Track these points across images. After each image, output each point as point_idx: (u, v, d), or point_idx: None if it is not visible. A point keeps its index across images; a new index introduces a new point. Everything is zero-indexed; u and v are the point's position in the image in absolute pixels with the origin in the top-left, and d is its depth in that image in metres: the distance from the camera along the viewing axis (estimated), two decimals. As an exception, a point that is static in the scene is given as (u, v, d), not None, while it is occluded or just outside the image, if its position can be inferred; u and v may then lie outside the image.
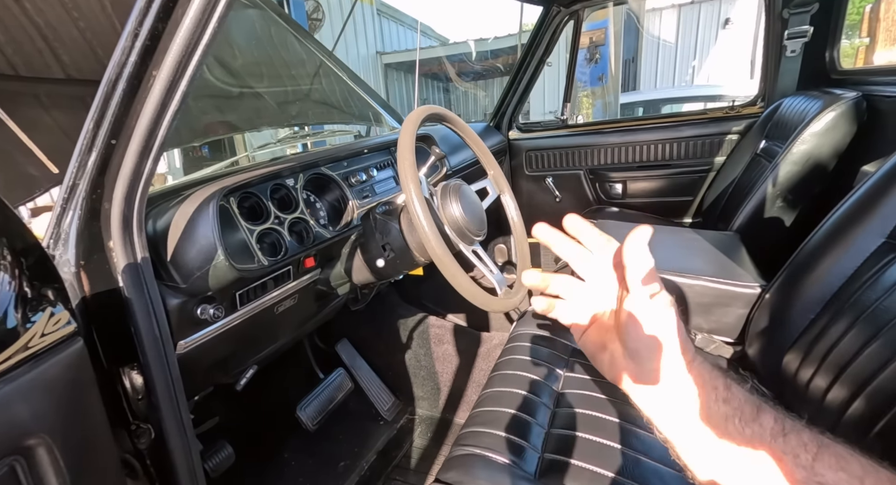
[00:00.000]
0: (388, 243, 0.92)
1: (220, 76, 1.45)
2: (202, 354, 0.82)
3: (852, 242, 0.83)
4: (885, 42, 1.68)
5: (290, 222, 0.93)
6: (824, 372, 0.78)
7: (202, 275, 0.72)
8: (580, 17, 2.04)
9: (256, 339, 0.99)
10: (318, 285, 1.08)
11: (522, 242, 1.04)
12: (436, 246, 0.71)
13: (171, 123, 0.60)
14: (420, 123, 0.81)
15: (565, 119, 2.30)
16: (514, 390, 0.94)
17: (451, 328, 1.71)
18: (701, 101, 4.13)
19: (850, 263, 0.81)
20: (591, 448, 0.80)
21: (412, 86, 10.85)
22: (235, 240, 0.81)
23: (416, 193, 0.71)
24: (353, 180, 1.12)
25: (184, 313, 0.75)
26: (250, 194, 0.87)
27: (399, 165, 0.73)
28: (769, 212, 1.38)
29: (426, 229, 0.70)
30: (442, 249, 0.71)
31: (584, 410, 0.88)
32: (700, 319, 1.09)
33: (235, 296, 0.84)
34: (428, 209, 0.71)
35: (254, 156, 1.45)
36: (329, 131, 1.63)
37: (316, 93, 1.92)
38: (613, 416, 0.87)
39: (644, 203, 2.21)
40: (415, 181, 0.72)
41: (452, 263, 0.73)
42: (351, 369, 1.55)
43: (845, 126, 1.27)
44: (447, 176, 1.43)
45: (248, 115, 1.61)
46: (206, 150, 2.14)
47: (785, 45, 1.72)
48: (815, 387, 0.79)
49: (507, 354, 1.07)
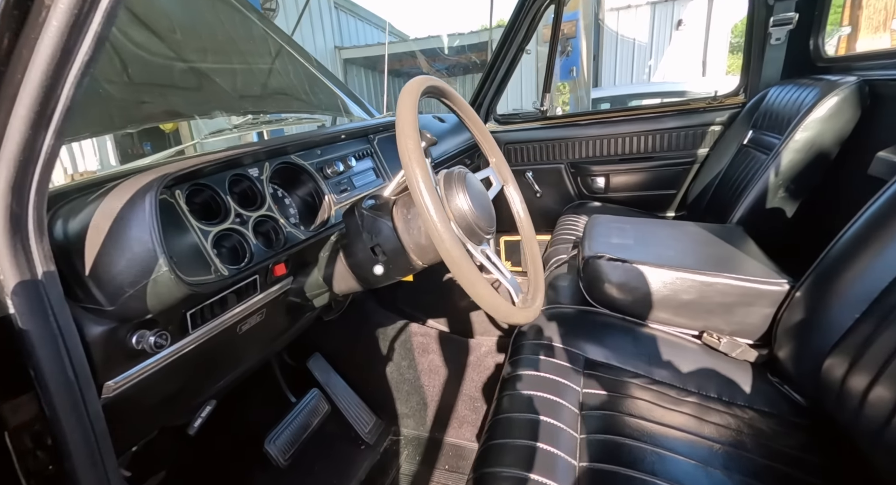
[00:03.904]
0: (379, 245, 0.76)
1: (161, 51, 1.22)
2: (141, 394, 0.63)
3: (900, 232, 0.75)
4: (868, 30, 1.68)
5: (255, 221, 0.75)
6: (887, 380, 0.69)
7: (137, 293, 0.53)
8: (562, 3, 1.93)
9: (214, 367, 0.80)
10: (290, 296, 0.90)
11: (531, 240, 0.90)
12: (452, 249, 0.55)
13: (79, 80, 0.41)
14: (420, 95, 0.66)
15: (545, 110, 2.19)
16: (530, 415, 0.80)
17: (436, 336, 1.56)
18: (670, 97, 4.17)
19: (900, 256, 0.73)
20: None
21: (373, 82, 10.57)
22: (184, 244, 0.62)
23: (424, 181, 0.56)
24: (328, 171, 0.94)
25: (112, 345, 0.56)
26: (203, 187, 0.68)
27: (400, 147, 0.57)
28: (771, 203, 1.32)
29: (439, 228, 0.55)
30: (459, 252, 0.56)
31: (618, 436, 0.76)
32: (720, 320, 1.00)
33: (186, 316, 0.65)
34: (440, 202, 0.56)
35: (203, 144, 1.24)
36: (295, 119, 1.43)
37: (276, 77, 1.71)
38: (649, 442, 0.75)
39: (627, 197, 2.14)
40: (421, 166, 0.56)
41: (472, 270, 0.58)
42: (326, 388, 1.36)
43: (849, 111, 1.22)
44: (434, 167, 1.28)
45: (196, 98, 1.39)
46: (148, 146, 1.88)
47: (770, 32, 1.69)
48: (874, 397, 0.70)
49: (514, 370, 0.93)
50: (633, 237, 1.20)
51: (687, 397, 0.89)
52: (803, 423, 0.84)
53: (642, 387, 0.91)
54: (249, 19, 1.64)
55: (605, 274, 1.05)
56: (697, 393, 0.91)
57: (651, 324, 1.06)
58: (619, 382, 0.91)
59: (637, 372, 0.95)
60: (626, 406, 0.83)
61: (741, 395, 0.90)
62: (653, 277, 1.01)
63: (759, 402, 0.88)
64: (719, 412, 0.85)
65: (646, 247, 1.13)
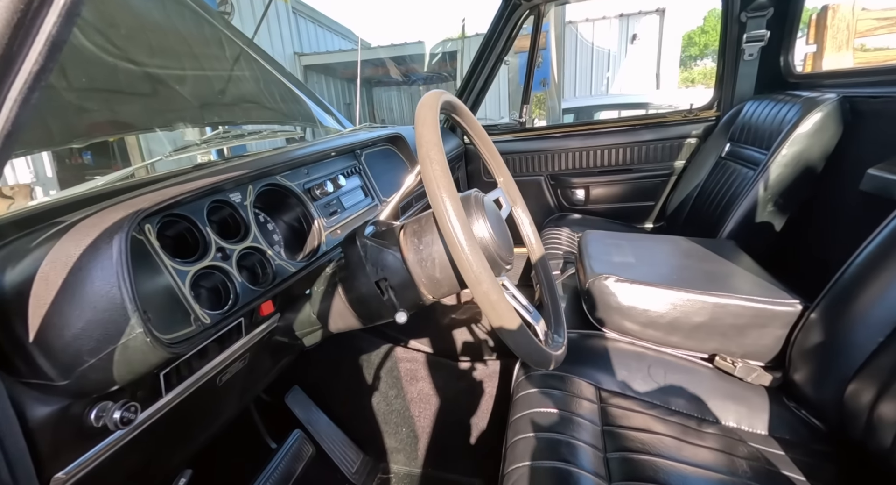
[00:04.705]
0: (386, 279, 0.66)
1: (107, 48, 1.07)
2: (99, 480, 0.51)
3: (920, 253, 0.73)
4: (832, 49, 1.75)
5: (239, 255, 0.64)
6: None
7: (100, 363, 0.41)
8: (541, 13, 1.91)
9: (188, 428, 0.68)
10: (277, 336, 0.79)
11: (546, 267, 0.84)
12: (490, 290, 0.47)
13: (25, 96, 0.31)
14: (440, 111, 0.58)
15: (524, 122, 2.16)
16: (549, 463, 0.73)
17: (424, 361, 1.46)
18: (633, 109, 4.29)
19: (923, 278, 0.72)
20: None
21: (336, 90, 10.37)
22: (157, 291, 0.51)
23: (455, 211, 0.47)
24: (317, 192, 0.84)
25: (63, 428, 0.44)
26: (177, 217, 0.57)
27: (427, 173, 0.49)
28: (761, 217, 1.33)
29: (472, 265, 0.47)
30: (498, 294, 0.48)
31: (648, 483, 0.69)
32: (732, 343, 0.97)
33: (159, 378, 0.53)
34: (474, 240, 0.48)
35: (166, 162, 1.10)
36: (269, 132, 1.31)
37: (242, 84, 1.58)
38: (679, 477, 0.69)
39: (607, 209, 2.14)
40: (453, 196, 0.48)
41: (510, 312, 0.50)
42: (307, 427, 1.23)
43: (832, 127, 1.24)
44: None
45: (152, 107, 1.24)
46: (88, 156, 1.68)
47: (743, 48, 1.72)
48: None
49: (524, 409, 0.86)
50: (632, 255, 1.16)
51: (708, 427, 0.85)
52: (826, 450, 0.81)
53: (661, 419, 0.85)
54: (204, 18, 1.49)
55: (612, 296, 1.00)
56: (717, 423, 0.86)
57: (661, 347, 1.02)
58: (638, 414, 0.86)
59: (653, 402, 0.90)
60: (651, 445, 0.77)
61: (761, 423, 0.87)
62: (664, 299, 0.96)
63: (781, 429, 0.85)
64: (744, 444, 0.81)
65: (649, 266, 1.09)
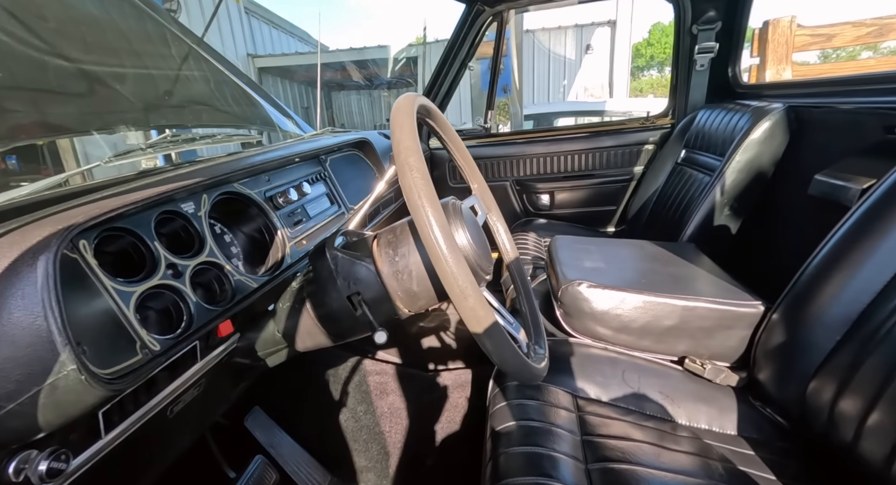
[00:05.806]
0: (359, 293, 0.62)
1: (31, 42, 0.97)
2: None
3: (871, 255, 0.77)
4: (773, 62, 1.86)
5: (193, 271, 0.58)
6: (885, 405, 0.69)
7: (21, 409, 0.35)
8: (504, 19, 1.92)
9: (133, 468, 0.60)
10: (237, 357, 0.72)
11: (523, 276, 0.82)
12: (477, 306, 0.44)
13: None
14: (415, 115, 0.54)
15: (489, 127, 2.16)
16: (530, 479, 0.70)
17: (394, 373, 1.42)
18: (591, 116, 4.42)
19: (876, 278, 0.75)
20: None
21: (291, 93, 10.10)
22: (94, 317, 0.44)
23: (438, 221, 0.44)
24: (280, 201, 0.78)
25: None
26: (119, 231, 0.50)
27: (405, 179, 0.45)
28: (718, 220, 1.38)
29: (458, 279, 0.44)
30: (485, 310, 0.45)
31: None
32: (700, 345, 0.99)
33: (98, 417, 0.46)
34: (459, 254, 0.45)
35: (104, 168, 1.00)
36: (224, 136, 1.22)
37: (192, 85, 1.48)
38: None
39: (570, 213, 2.17)
40: (435, 207, 0.45)
41: (496, 329, 0.47)
42: (270, 451, 1.15)
43: (781, 135, 1.31)
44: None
45: (87, 108, 1.13)
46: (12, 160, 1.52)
47: (695, 59, 1.80)
48: (874, 423, 0.70)
49: (501, 422, 0.83)
50: (601, 260, 1.17)
51: (682, 431, 0.86)
52: (791, 447, 0.84)
53: (638, 425, 0.85)
54: (147, 14, 1.39)
55: (586, 301, 1.00)
56: (689, 426, 0.87)
57: (632, 352, 1.03)
58: (615, 421, 0.85)
59: (629, 408, 0.90)
60: (631, 454, 0.76)
61: (730, 423, 0.88)
62: (636, 304, 0.97)
63: (748, 429, 0.87)
64: (717, 445, 0.82)
65: (619, 271, 1.10)
